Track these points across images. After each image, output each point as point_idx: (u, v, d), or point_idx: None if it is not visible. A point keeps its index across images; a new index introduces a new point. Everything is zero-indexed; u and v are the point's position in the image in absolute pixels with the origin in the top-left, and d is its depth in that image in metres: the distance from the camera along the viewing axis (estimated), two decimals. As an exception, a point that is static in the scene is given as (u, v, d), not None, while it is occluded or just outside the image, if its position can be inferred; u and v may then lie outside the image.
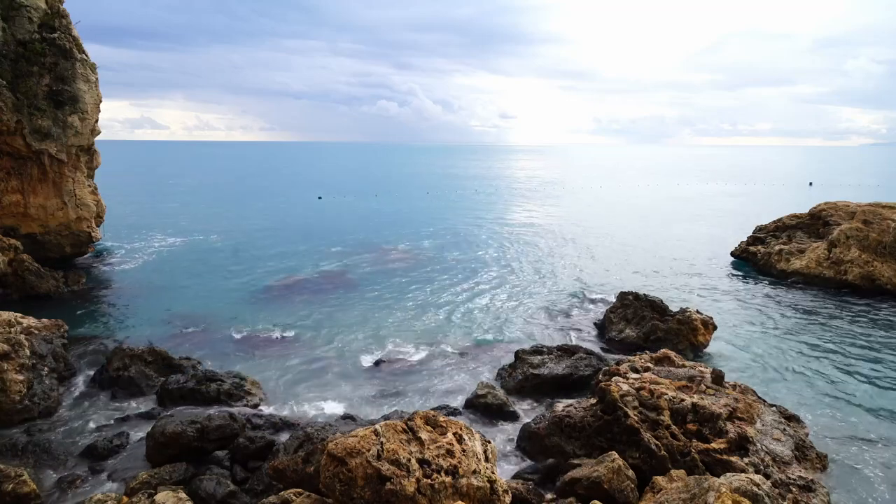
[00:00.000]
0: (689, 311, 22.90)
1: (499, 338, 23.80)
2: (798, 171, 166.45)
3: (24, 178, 31.10)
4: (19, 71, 29.48)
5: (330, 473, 9.98)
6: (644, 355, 17.42)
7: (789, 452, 13.25)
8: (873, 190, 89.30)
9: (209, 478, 12.85)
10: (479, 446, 11.08)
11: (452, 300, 28.93)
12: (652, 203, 75.14)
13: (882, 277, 29.47)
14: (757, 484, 10.48)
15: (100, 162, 36.84)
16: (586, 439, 13.87)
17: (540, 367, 19.19)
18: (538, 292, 30.61)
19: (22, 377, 16.44)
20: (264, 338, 23.20)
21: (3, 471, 12.12)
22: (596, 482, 11.63)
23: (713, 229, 51.99)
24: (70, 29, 31.97)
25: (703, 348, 21.94)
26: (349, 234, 48.87)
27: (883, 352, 21.99)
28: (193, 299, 28.68)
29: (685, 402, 13.90)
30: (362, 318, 25.85)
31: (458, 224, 55.24)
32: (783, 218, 38.37)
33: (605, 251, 41.90)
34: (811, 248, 33.04)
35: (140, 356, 19.38)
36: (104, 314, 26.35)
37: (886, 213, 31.24)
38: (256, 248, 41.95)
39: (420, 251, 41.45)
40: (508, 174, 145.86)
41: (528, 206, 71.02)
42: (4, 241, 28.02)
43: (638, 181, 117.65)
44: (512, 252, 41.48)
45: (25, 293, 27.16)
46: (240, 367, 20.09)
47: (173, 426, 14.33)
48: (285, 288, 31.02)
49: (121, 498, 11.86)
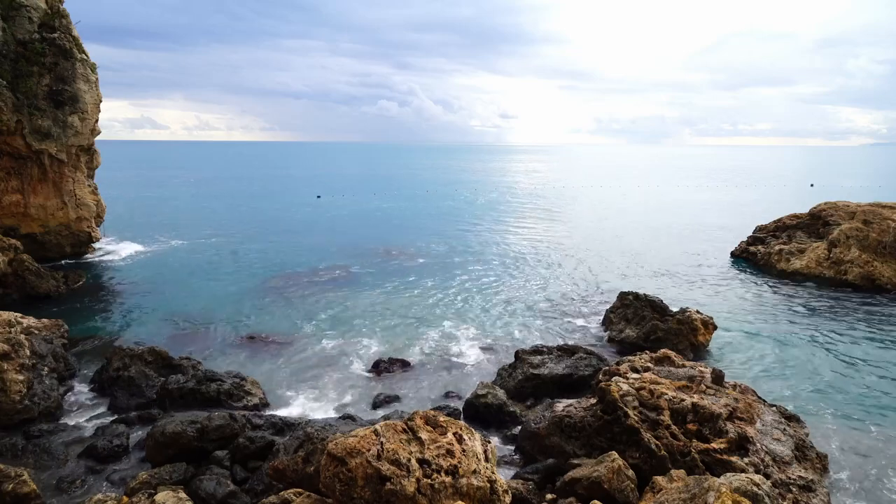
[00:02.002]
0: (689, 310, 22.91)
1: (499, 338, 23.80)
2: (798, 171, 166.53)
3: (24, 178, 31.11)
4: (19, 71, 29.49)
5: (330, 473, 9.97)
6: (644, 355, 17.41)
7: (789, 452, 13.24)
8: (873, 190, 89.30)
9: (209, 478, 12.85)
10: (479, 446, 11.07)
11: (452, 300, 28.93)
12: (652, 203, 75.15)
13: (882, 277, 29.47)
14: (757, 484, 10.47)
15: (100, 162, 36.85)
16: (586, 439, 13.86)
17: (540, 367, 19.19)
18: (538, 292, 30.61)
19: (22, 377, 16.44)
20: (264, 338, 23.20)
21: (3, 471, 12.11)
22: (596, 482, 11.63)
23: (713, 229, 51.99)
24: (70, 29, 31.98)
25: (703, 348, 21.94)
26: (349, 233, 48.91)
27: (883, 352, 21.99)
28: (193, 299, 28.69)
29: (685, 402, 13.89)
30: (362, 318, 25.85)
31: (459, 224, 55.25)
32: (783, 218, 38.39)
33: (606, 251, 41.90)
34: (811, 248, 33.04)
35: (140, 356, 19.38)
36: (104, 314, 26.35)
37: (886, 213, 31.25)
38: (256, 247, 41.96)
39: (420, 251, 41.44)
40: (508, 174, 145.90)
41: (527, 207, 71.03)
42: (4, 241, 28.03)
43: (638, 181, 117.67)
44: (512, 252, 41.49)
45: (25, 293, 27.15)
46: (240, 367, 20.10)
47: (173, 426, 14.33)
48: (285, 288, 31.02)
49: (121, 498, 11.85)
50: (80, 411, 17.16)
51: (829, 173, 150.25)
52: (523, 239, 47.05)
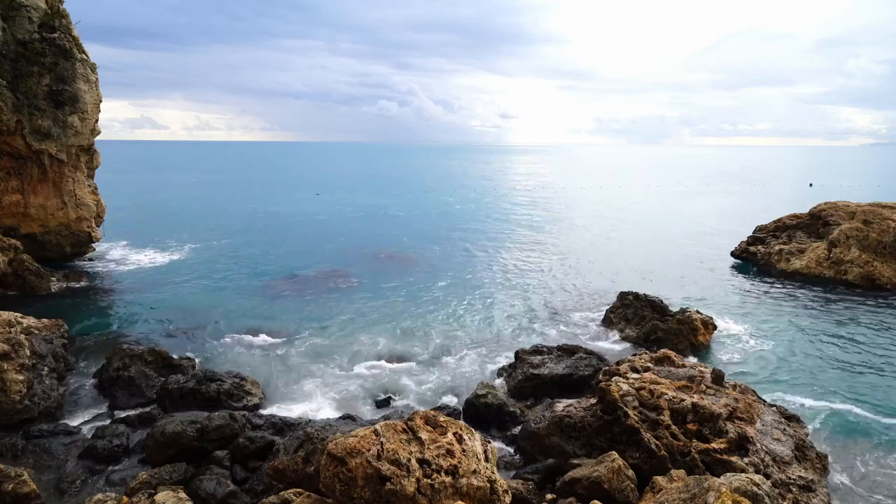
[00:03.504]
0: (688, 310, 22.92)
1: (499, 338, 23.79)
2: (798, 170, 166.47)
3: (24, 178, 31.10)
4: (19, 71, 29.48)
5: (330, 473, 9.97)
6: (644, 355, 17.41)
7: (789, 452, 13.24)
8: (873, 190, 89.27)
9: (209, 478, 12.85)
10: (479, 446, 11.07)
11: (452, 300, 28.91)
12: (652, 203, 75.14)
13: (882, 277, 29.47)
14: (757, 484, 10.47)
15: (100, 162, 36.82)
16: (586, 439, 13.86)
17: (540, 367, 19.19)
18: (538, 292, 30.61)
19: (22, 377, 16.44)
20: (264, 338, 23.19)
21: (3, 471, 12.11)
22: (596, 482, 11.63)
23: (713, 229, 51.99)
24: (70, 29, 31.96)
25: (703, 348, 21.94)
26: (349, 233, 48.91)
27: (883, 352, 21.99)
28: (193, 299, 28.68)
29: (685, 402, 13.90)
30: (362, 318, 25.84)
31: (458, 224, 55.23)
32: (783, 218, 38.37)
33: (606, 251, 41.90)
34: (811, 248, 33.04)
35: (140, 356, 19.38)
36: (104, 314, 26.35)
37: (886, 213, 31.25)
38: (256, 247, 41.95)
39: (420, 251, 41.43)
40: (509, 174, 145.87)
41: (527, 207, 71.00)
42: (4, 241, 28.03)
43: (638, 181, 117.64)
44: (512, 252, 41.47)
45: (25, 293, 27.16)
46: (240, 367, 20.09)
47: (173, 426, 14.34)
48: (285, 288, 31.02)
49: (121, 498, 11.85)
50: (80, 411, 17.16)
51: (829, 173, 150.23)
52: (523, 239, 47.04)
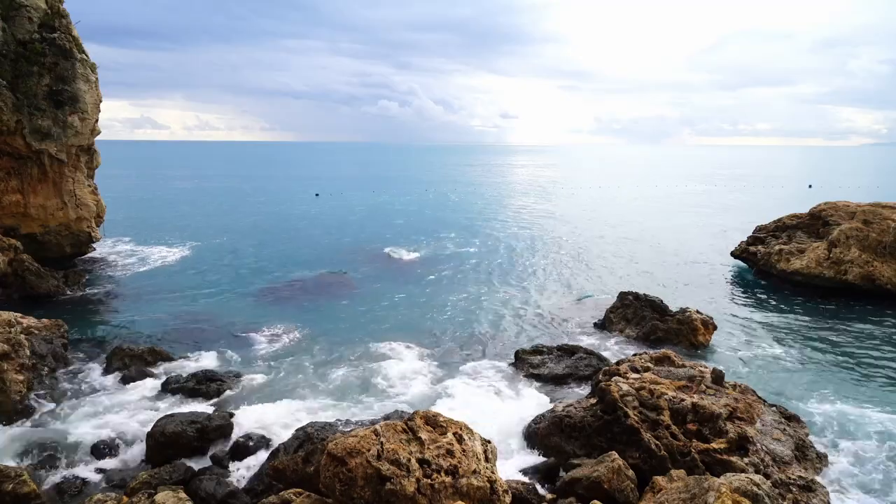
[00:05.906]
0: (689, 310, 22.91)
1: (499, 338, 23.79)
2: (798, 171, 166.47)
3: (24, 178, 31.09)
4: (19, 71, 29.47)
5: (330, 473, 9.98)
6: (644, 355, 17.41)
7: (789, 452, 13.25)
8: (873, 190, 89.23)
9: (209, 478, 12.85)
10: (479, 446, 11.07)
11: (452, 300, 28.91)
12: (652, 203, 75.12)
13: (882, 277, 29.44)
14: (757, 484, 10.47)
15: (100, 162, 36.82)
16: (586, 439, 13.86)
17: (540, 366, 19.20)
18: (538, 292, 30.60)
19: (22, 377, 16.45)
20: (264, 338, 23.19)
21: (3, 471, 12.11)
22: (596, 482, 11.63)
23: (713, 229, 51.98)
24: (70, 29, 31.95)
25: (703, 348, 21.94)
26: (349, 233, 48.90)
27: (883, 352, 21.98)
28: (193, 299, 28.69)
29: (685, 402, 13.90)
30: (362, 318, 25.84)
31: (459, 224, 55.21)
32: (783, 218, 38.30)
33: (606, 251, 41.88)
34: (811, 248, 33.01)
35: (140, 356, 19.39)
36: (104, 314, 26.35)
37: (886, 213, 31.21)
38: (256, 247, 41.95)
39: (419, 251, 41.42)
40: (508, 174, 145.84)
41: (527, 207, 70.99)
42: (4, 241, 28.01)
43: (638, 181, 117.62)
44: (512, 252, 41.47)
45: (25, 293, 27.14)
46: (240, 367, 20.11)
47: (173, 426, 14.34)
48: (285, 287, 31.03)
49: (121, 498, 11.85)
50: (79, 411, 17.12)
51: (829, 173, 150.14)
52: (523, 238, 47.02)
